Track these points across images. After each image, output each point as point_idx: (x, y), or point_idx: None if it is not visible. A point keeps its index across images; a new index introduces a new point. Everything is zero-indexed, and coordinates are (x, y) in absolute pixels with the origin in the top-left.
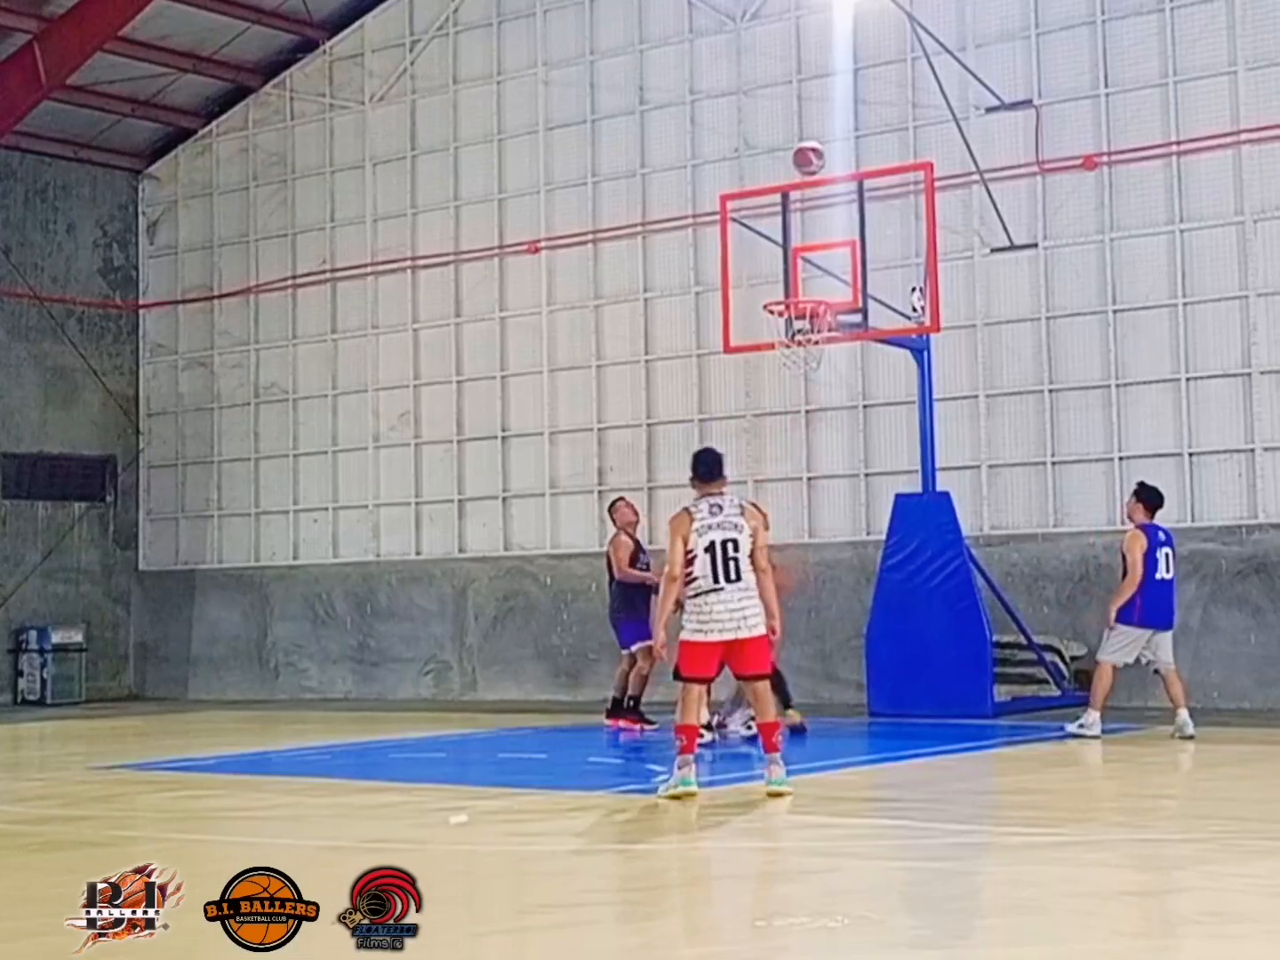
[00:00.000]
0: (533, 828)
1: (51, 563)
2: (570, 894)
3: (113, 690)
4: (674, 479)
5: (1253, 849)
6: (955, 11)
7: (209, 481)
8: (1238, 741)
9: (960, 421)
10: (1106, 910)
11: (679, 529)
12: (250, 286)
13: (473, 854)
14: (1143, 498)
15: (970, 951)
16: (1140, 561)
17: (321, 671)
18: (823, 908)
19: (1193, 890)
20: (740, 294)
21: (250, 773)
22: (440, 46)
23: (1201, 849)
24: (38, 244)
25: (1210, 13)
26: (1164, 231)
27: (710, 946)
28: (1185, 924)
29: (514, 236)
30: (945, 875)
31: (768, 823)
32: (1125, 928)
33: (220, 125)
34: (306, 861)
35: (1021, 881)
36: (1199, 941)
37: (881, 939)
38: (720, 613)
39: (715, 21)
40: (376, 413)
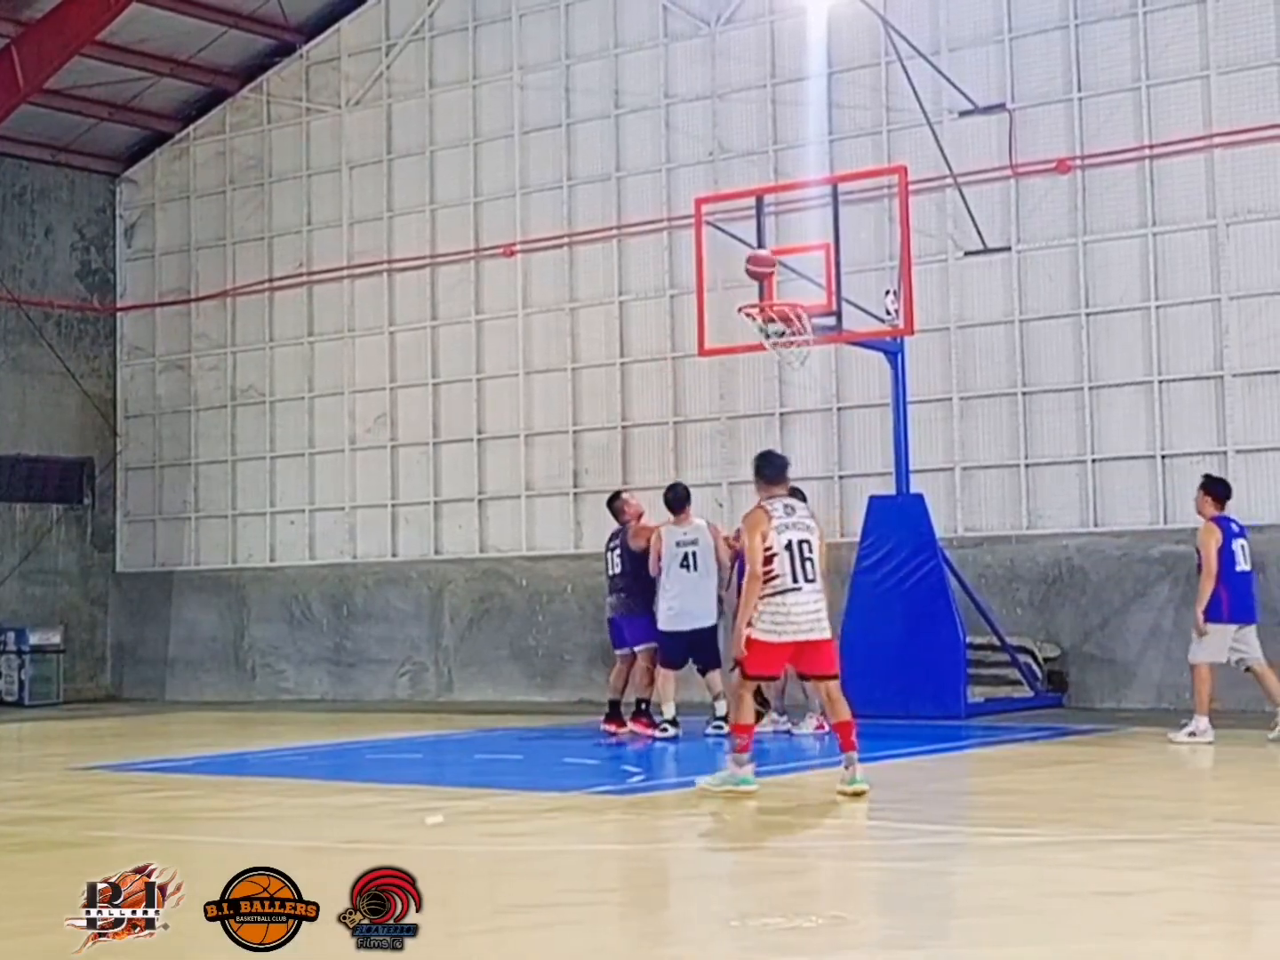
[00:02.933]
0: (510, 828)
1: (29, 564)
2: (548, 894)
3: (90, 691)
4: (649, 480)
5: (1222, 849)
6: (929, 16)
7: (186, 483)
8: (1208, 743)
9: (934, 424)
10: (1080, 910)
11: (757, 526)
12: (227, 289)
13: (450, 854)
14: (1210, 490)
15: (945, 951)
16: (1215, 556)
17: (298, 673)
18: (797, 908)
19: (1164, 890)
20: (715, 297)
21: (228, 773)
22: (416, 51)
23: (1173, 849)
24: (15, 247)
25: (1183, 17)
26: (1137, 235)
27: (685, 947)
28: (1157, 924)
29: (489, 239)
30: (920, 875)
31: (742, 823)
32: (1098, 927)
33: (197, 129)
34: (287, 861)
35: (996, 881)
36: (1170, 941)
37: (856, 939)
38: (798, 614)
39: (690, 26)
40: (353, 415)
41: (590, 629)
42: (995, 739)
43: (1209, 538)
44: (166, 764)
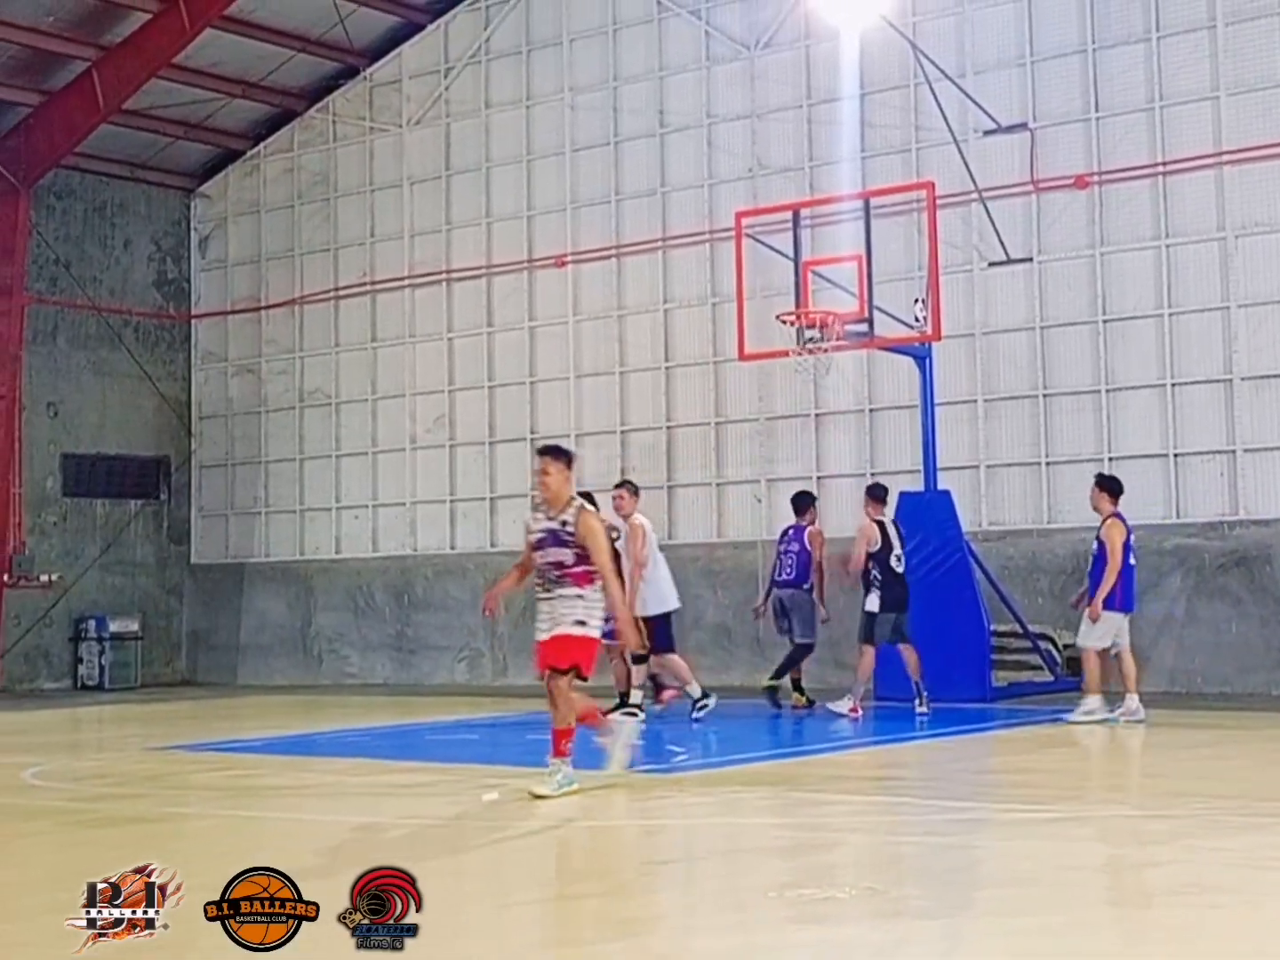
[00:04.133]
0: (558, 804)
1: (109, 556)
2: (595, 866)
3: (166, 676)
4: (693, 477)
5: (1230, 825)
6: (955, 40)
7: (257, 480)
8: (1219, 725)
9: (960, 424)
10: (1095, 882)
11: None
12: (295, 298)
13: (504, 828)
14: (1108, 488)
15: (969, 920)
16: (1120, 550)
17: (362, 658)
18: (831, 879)
19: (1174, 863)
20: (754, 305)
21: (295, 753)
22: (473, 73)
23: (1183, 825)
24: (96, 258)
25: (1193, 42)
26: (1151, 246)
27: (725, 915)
28: (1167, 895)
29: (542, 251)
30: (946, 849)
31: (777, 800)
32: (1112, 898)
33: (267, 147)
34: (345, 836)
35: (1017, 855)
36: (1179, 911)
37: (886, 909)
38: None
39: (730, 50)
40: (413, 416)
41: None
42: (1017, 720)
43: (1115, 532)
44: (237, 744)
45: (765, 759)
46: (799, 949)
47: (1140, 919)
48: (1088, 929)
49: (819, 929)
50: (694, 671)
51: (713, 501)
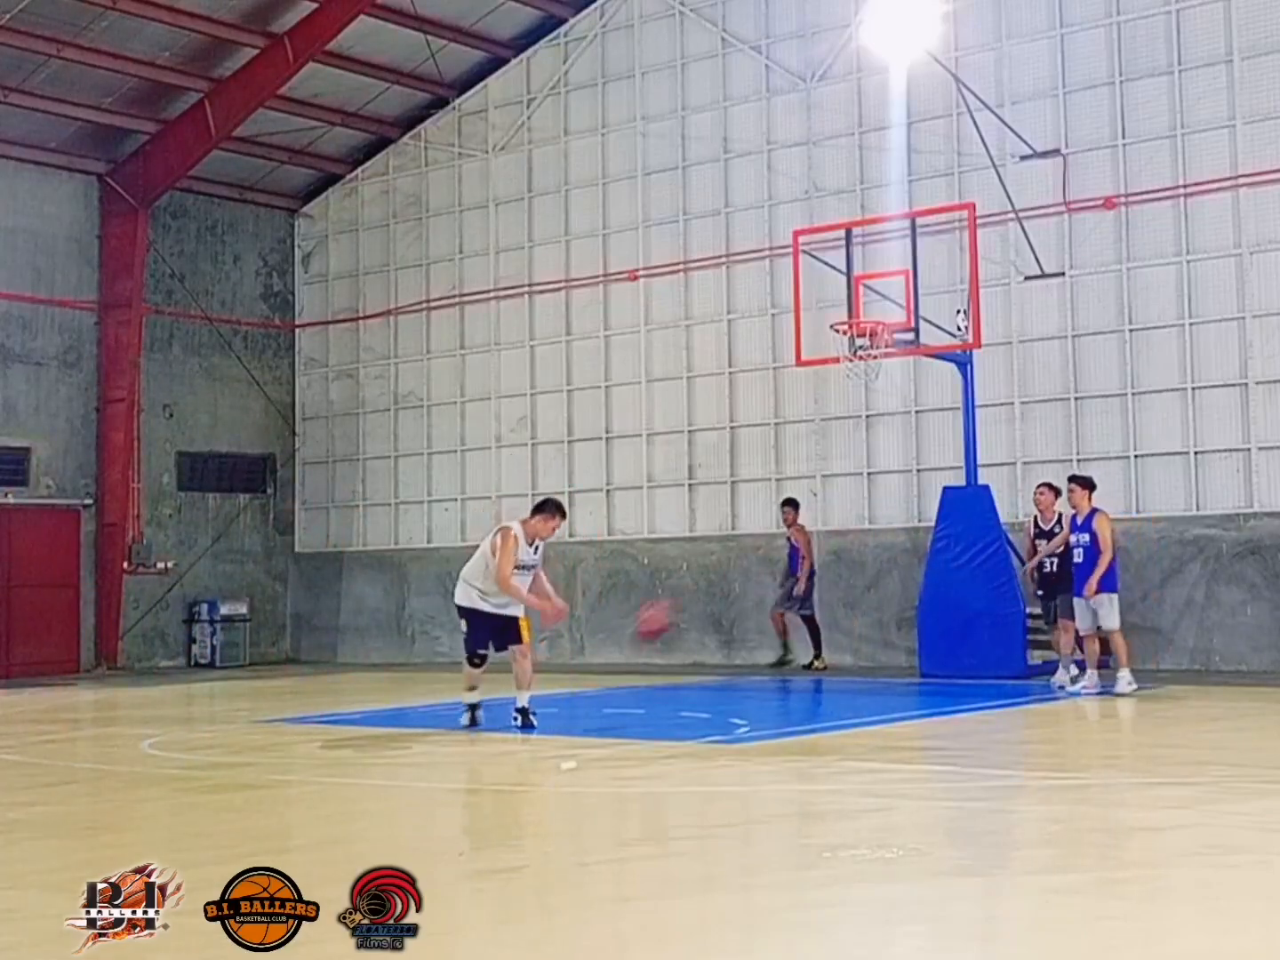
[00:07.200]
0: (633, 772)
1: (220, 545)
2: (663, 829)
3: (272, 655)
4: (754, 473)
5: (1248, 790)
6: (994, 73)
7: (355, 476)
8: (1236, 699)
9: (998, 425)
10: (1123, 843)
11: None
12: (390, 309)
13: (581, 794)
14: (1086, 486)
15: (1007, 879)
16: (1110, 538)
17: (452, 639)
18: (881, 841)
19: (1196, 826)
20: (810, 316)
21: (390, 725)
22: (553, 103)
23: (1204, 791)
24: (208, 273)
25: (1213, 75)
26: (1173, 262)
27: (783, 873)
28: (1189, 855)
29: (616, 266)
30: (985, 813)
31: (830, 768)
32: (1138, 858)
33: (364, 171)
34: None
35: (1050, 819)
36: (1202, 870)
37: (931, 868)
38: None
39: (789, 82)
40: (498, 417)
41: (702, 600)
42: (1050, 696)
43: (1108, 524)
44: (337, 717)
45: (820, 731)
46: (852, 904)
47: (1164, 877)
48: (1114, 885)
49: (869, 886)
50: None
51: (773, 495)
